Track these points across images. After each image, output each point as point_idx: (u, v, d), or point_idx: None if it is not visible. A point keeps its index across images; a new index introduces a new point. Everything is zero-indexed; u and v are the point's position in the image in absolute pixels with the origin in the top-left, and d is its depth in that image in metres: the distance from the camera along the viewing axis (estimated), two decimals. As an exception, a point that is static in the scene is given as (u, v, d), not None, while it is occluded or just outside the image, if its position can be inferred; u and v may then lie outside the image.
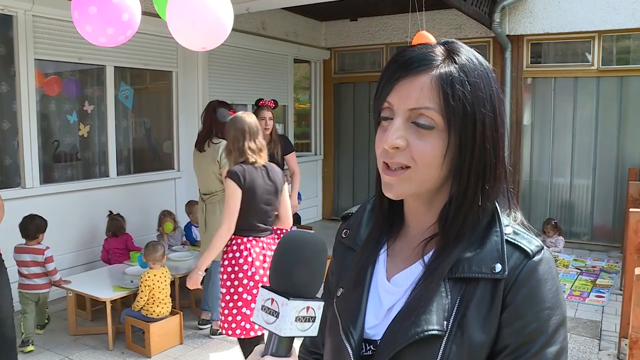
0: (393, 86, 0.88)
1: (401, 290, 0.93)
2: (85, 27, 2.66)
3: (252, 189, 3.10)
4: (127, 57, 5.76)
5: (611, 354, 4.09)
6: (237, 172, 3.08)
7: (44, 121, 5.23)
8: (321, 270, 0.85)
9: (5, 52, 4.84)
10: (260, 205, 3.16)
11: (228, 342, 4.34)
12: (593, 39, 6.94)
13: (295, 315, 0.80)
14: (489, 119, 0.88)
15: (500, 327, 0.84)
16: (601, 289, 5.56)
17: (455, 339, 0.84)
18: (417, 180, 0.88)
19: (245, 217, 3.13)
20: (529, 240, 0.88)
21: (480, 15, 6.58)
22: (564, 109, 7.32)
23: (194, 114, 6.48)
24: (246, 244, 3.16)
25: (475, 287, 0.86)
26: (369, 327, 0.94)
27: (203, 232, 4.35)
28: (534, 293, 0.84)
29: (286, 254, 0.84)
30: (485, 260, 0.86)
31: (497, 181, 0.90)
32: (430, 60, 0.87)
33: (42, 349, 4.16)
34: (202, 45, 2.89)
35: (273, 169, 3.25)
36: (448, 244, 0.89)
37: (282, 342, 0.82)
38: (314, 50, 8.60)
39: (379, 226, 1.01)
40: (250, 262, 3.14)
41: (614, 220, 7.09)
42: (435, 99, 0.85)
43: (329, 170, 9.13)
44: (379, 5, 7.58)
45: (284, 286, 0.82)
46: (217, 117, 4.26)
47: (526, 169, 7.62)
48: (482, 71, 0.89)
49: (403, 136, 0.86)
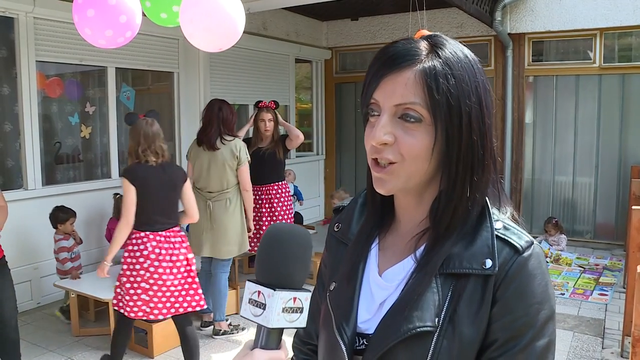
0: (378, 83, 0.89)
1: (393, 285, 0.94)
2: (85, 29, 2.69)
3: (145, 185, 3.32)
4: (128, 58, 5.76)
5: (614, 352, 4.08)
6: (129, 170, 3.37)
7: (45, 123, 5.24)
8: (306, 261, 0.86)
9: (6, 54, 4.85)
10: (156, 200, 3.37)
11: (231, 342, 4.35)
12: (595, 36, 6.92)
13: (282, 306, 0.81)
14: (475, 111, 0.88)
15: (490, 322, 0.85)
16: (604, 287, 5.55)
17: (446, 334, 0.85)
18: (406, 175, 0.89)
19: (142, 212, 3.35)
20: (519, 235, 0.89)
21: (481, 13, 6.57)
22: (565, 107, 7.31)
23: (196, 115, 6.47)
24: (143, 237, 3.38)
25: (465, 282, 0.87)
26: (361, 322, 0.95)
27: (209, 230, 4.34)
28: (523, 288, 0.85)
29: (270, 246, 0.85)
30: (475, 256, 0.87)
31: (485, 172, 0.91)
32: (414, 56, 0.87)
33: (46, 350, 4.17)
34: (219, 47, 2.98)
35: (171, 166, 3.47)
36: (439, 237, 0.90)
37: (271, 334, 0.83)
38: (315, 50, 8.60)
39: (371, 221, 1.02)
40: (146, 255, 3.36)
41: (617, 218, 7.08)
42: (420, 93, 0.86)
43: (330, 170, 9.14)
44: (380, 4, 7.58)
45: (270, 278, 0.83)
46: (223, 115, 4.28)
47: (528, 167, 7.61)
48: (466, 63, 0.89)
49: (390, 132, 0.87)
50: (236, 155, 4.26)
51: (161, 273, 3.37)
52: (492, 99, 0.94)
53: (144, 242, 3.37)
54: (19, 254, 4.66)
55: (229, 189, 4.32)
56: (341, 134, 9.09)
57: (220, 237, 4.32)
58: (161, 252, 3.38)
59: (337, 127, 9.10)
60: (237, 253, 4.42)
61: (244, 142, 4.47)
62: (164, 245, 3.40)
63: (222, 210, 4.31)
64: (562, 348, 4.15)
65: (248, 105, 7.51)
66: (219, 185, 4.31)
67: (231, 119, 4.34)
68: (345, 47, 8.81)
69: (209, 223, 4.32)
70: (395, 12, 8.02)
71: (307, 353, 1.14)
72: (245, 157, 4.31)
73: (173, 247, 3.43)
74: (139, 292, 3.39)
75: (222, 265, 4.39)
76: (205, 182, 4.36)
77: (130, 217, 3.32)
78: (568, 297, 5.30)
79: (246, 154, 4.33)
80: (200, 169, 4.38)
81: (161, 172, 3.38)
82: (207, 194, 4.35)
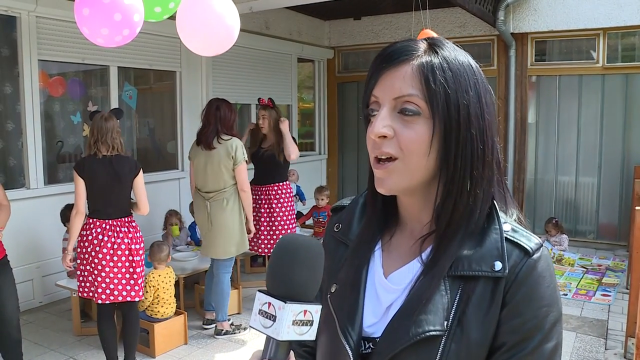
0: (377, 79, 0.90)
1: (400, 288, 0.93)
2: (83, 28, 2.69)
3: (93, 177, 3.55)
4: (130, 58, 5.76)
5: (618, 353, 4.07)
6: (78, 164, 3.61)
7: (48, 122, 5.24)
8: (318, 273, 0.85)
9: (9, 53, 4.84)
10: (102, 191, 3.59)
11: (233, 342, 4.34)
12: (598, 36, 6.90)
13: (292, 319, 0.80)
14: (474, 105, 0.88)
15: (499, 325, 0.85)
16: (607, 288, 5.54)
17: (454, 337, 0.84)
18: (406, 171, 0.89)
19: (90, 201, 3.63)
20: (528, 237, 0.89)
21: (484, 13, 6.56)
22: (568, 107, 7.28)
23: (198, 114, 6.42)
24: (90, 224, 3.61)
25: (475, 285, 0.86)
26: (367, 325, 0.94)
27: (208, 230, 4.34)
28: (533, 291, 0.85)
29: (282, 258, 0.84)
30: (485, 258, 0.86)
31: (486, 168, 0.90)
32: (412, 51, 0.89)
33: (47, 349, 4.16)
34: (216, 52, 3.06)
35: (121, 160, 3.62)
36: (444, 238, 0.90)
37: (280, 347, 0.82)
38: (317, 50, 8.59)
39: (373, 223, 1.01)
40: (90, 240, 3.58)
41: (620, 218, 7.06)
42: (417, 85, 0.87)
43: (333, 169, 9.13)
44: (382, 3, 7.56)
45: (281, 290, 0.82)
46: (221, 114, 4.26)
47: (531, 167, 7.59)
48: (464, 61, 0.90)
49: (389, 125, 0.87)
50: (232, 155, 4.22)
51: (101, 258, 3.55)
52: (493, 98, 0.94)
53: (90, 228, 3.60)
54: (21, 253, 4.66)
55: (225, 188, 4.29)
56: (343, 134, 9.08)
57: (217, 237, 4.30)
58: (103, 239, 3.57)
59: (340, 126, 9.09)
60: (235, 253, 4.39)
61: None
62: (108, 232, 3.59)
63: (219, 210, 4.30)
64: (565, 349, 4.14)
65: (250, 105, 7.51)
66: (215, 185, 4.30)
67: (229, 118, 4.30)
68: (348, 47, 8.80)
69: (208, 223, 4.32)
70: (398, 12, 8.00)
71: (303, 355, 1.13)
72: (242, 156, 4.25)
73: (117, 235, 3.60)
74: (85, 274, 3.64)
75: (223, 265, 4.38)
76: (203, 182, 4.36)
77: (80, 206, 3.58)
78: (571, 298, 5.28)
79: (243, 153, 4.27)
80: (197, 169, 4.38)
81: (108, 164, 3.56)
82: (205, 194, 4.34)
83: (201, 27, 2.86)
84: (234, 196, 4.32)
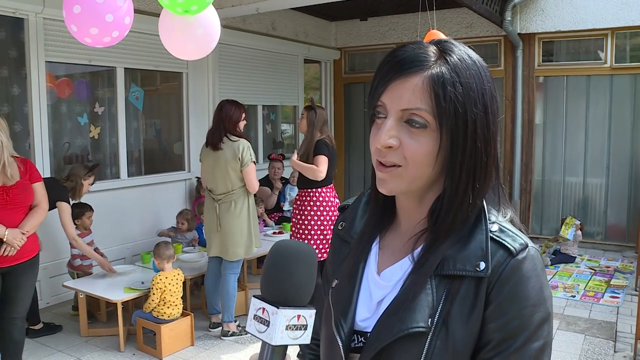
0: (386, 86, 0.90)
1: (390, 284, 0.95)
2: (71, 26, 2.67)
3: None
4: (137, 59, 5.77)
5: (627, 356, 4.04)
6: None
7: (55, 123, 5.25)
8: (311, 279, 0.86)
9: (16, 55, 4.86)
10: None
11: (239, 343, 4.34)
12: (605, 36, 6.86)
13: (285, 323, 0.81)
14: (481, 118, 0.89)
15: (485, 323, 0.86)
16: (616, 290, 5.50)
17: (440, 334, 0.86)
18: (409, 178, 0.90)
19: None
20: (514, 238, 0.89)
21: (491, 13, 6.53)
22: (576, 108, 7.24)
23: (204, 115, 6.49)
24: None
25: (459, 284, 0.87)
26: (361, 320, 0.97)
27: (216, 231, 4.33)
28: (516, 291, 0.85)
29: (276, 264, 0.85)
30: (469, 258, 0.88)
31: (487, 179, 0.92)
32: (422, 61, 0.88)
33: (54, 350, 4.17)
34: (196, 57, 3.26)
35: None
36: (437, 240, 0.91)
37: (275, 351, 0.83)
38: (324, 51, 8.59)
39: (373, 220, 1.04)
40: None
41: (628, 219, 7.01)
42: (426, 100, 0.86)
43: (339, 170, 9.11)
44: (389, 4, 7.55)
45: (274, 295, 0.83)
46: (223, 114, 4.25)
47: (538, 168, 7.56)
48: (474, 70, 0.90)
49: (395, 136, 0.88)
50: (238, 157, 4.19)
51: None
52: (498, 105, 0.94)
53: None
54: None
55: (233, 190, 4.28)
56: (350, 134, 9.08)
57: (226, 239, 4.30)
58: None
59: (346, 127, 9.09)
60: (243, 255, 4.39)
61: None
62: None
63: (227, 212, 4.29)
64: (573, 351, 4.11)
65: (257, 106, 7.51)
66: (223, 186, 4.29)
67: (233, 118, 4.26)
68: (354, 48, 8.79)
69: (217, 224, 4.31)
70: (404, 12, 7.99)
71: (313, 348, 1.17)
72: (249, 158, 4.21)
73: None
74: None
75: (231, 266, 4.38)
76: (212, 183, 4.35)
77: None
78: (579, 300, 5.24)
79: (251, 155, 4.23)
80: (206, 170, 4.38)
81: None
82: (215, 195, 4.34)
83: (180, 38, 3.00)
84: (242, 198, 4.31)
